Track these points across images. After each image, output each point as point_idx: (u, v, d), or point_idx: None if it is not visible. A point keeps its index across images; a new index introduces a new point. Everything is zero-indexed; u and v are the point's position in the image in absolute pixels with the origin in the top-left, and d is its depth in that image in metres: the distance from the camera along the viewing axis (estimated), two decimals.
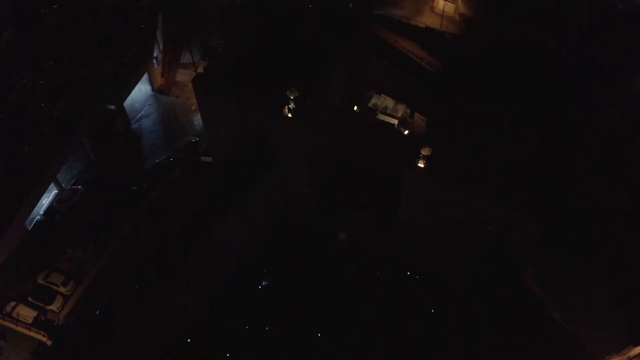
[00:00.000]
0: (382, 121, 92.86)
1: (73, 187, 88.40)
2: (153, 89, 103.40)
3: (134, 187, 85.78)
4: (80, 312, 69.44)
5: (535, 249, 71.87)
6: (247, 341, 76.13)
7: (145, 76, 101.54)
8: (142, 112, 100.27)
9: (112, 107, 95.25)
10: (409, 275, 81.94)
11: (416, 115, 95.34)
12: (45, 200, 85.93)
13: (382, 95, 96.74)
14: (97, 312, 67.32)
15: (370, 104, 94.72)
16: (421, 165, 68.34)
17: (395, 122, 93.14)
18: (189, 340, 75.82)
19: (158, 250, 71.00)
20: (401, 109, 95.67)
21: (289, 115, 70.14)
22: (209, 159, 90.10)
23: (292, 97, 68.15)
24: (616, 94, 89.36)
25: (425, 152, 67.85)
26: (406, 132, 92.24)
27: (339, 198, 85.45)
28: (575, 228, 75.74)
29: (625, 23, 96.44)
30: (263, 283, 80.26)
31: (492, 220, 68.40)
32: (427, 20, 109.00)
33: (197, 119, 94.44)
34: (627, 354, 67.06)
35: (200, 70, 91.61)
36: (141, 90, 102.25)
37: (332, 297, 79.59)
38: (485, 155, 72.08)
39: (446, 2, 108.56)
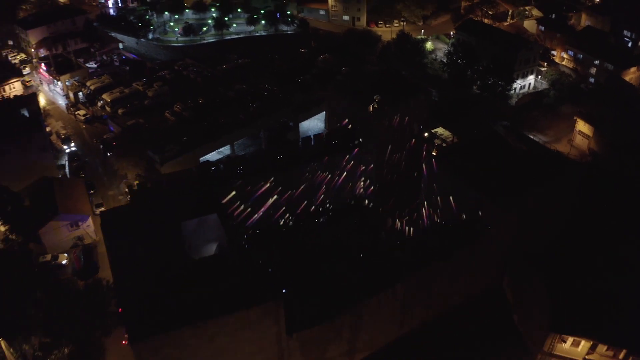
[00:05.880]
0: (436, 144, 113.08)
1: (241, 153, 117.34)
2: (325, 127, 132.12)
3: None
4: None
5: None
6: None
7: (323, 115, 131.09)
8: None
9: (291, 123, 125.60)
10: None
11: None
12: (219, 156, 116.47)
13: (445, 129, 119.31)
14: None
15: (433, 130, 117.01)
16: (434, 153, 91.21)
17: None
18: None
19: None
20: (450, 138, 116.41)
21: (371, 111, 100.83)
22: None
23: (375, 100, 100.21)
24: None
25: (437, 142, 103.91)
26: None
27: (393, 196, 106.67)
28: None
29: None
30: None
31: (468, 201, 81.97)
32: (561, 147, 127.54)
33: None
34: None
35: None
36: (317, 124, 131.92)
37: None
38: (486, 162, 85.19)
39: (582, 137, 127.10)
